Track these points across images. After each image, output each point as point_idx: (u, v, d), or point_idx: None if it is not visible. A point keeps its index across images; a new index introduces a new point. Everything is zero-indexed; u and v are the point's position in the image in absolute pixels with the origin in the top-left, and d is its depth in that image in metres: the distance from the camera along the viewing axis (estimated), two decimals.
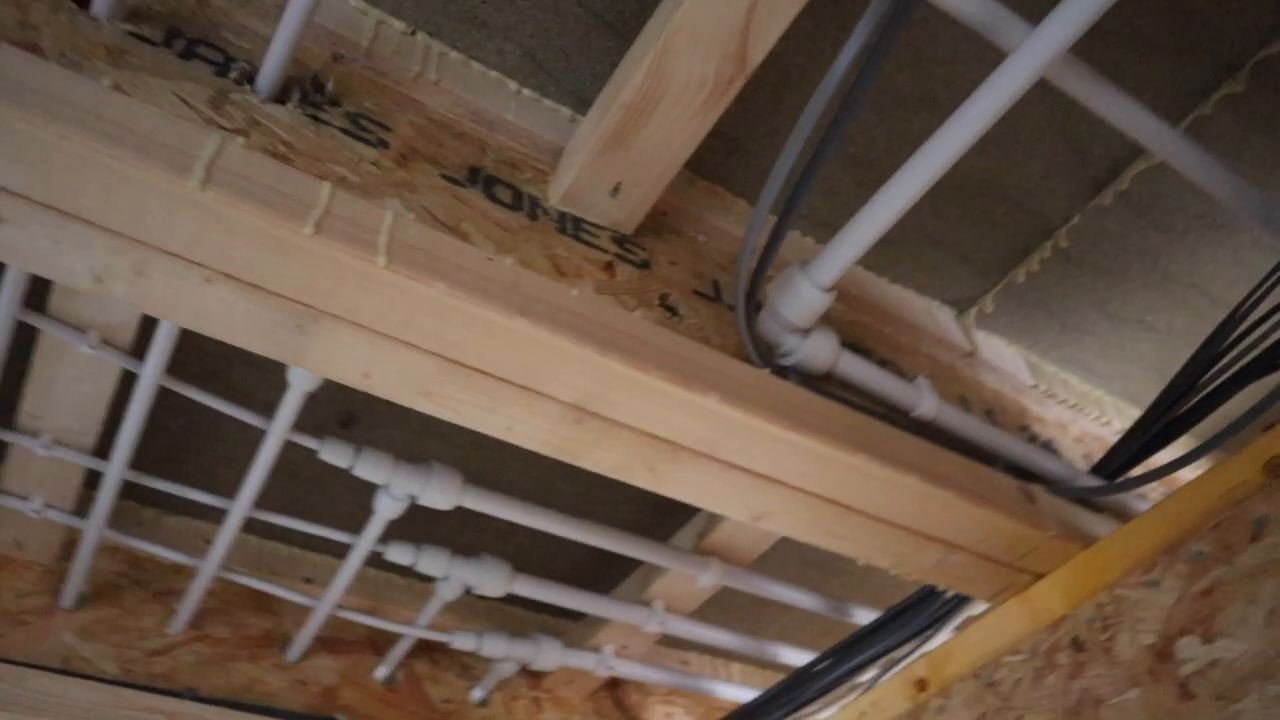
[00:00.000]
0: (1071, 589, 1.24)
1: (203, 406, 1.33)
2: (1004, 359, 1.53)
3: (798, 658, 1.78)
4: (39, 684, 1.42)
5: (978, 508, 1.17)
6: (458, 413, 0.97)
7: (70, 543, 1.54)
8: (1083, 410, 1.59)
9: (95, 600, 1.54)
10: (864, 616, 1.72)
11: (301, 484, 1.60)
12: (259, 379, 1.42)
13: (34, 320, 1.18)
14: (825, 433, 1.05)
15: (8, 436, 1.31)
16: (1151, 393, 1.49)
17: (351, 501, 1.60)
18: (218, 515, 1.65)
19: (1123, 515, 1.39)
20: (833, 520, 1.14)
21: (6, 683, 1.40)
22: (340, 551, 1.72)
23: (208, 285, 0.86)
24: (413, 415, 1.51)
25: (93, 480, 1.43)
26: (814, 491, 1.10)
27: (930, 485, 1.12)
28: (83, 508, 1.45)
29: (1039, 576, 1.28)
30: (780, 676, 1.72)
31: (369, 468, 1.34)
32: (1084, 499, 1.34)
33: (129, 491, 1.57)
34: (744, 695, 1.84)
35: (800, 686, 1.67)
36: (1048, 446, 1.43)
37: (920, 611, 1.50)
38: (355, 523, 1.46)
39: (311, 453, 1.33)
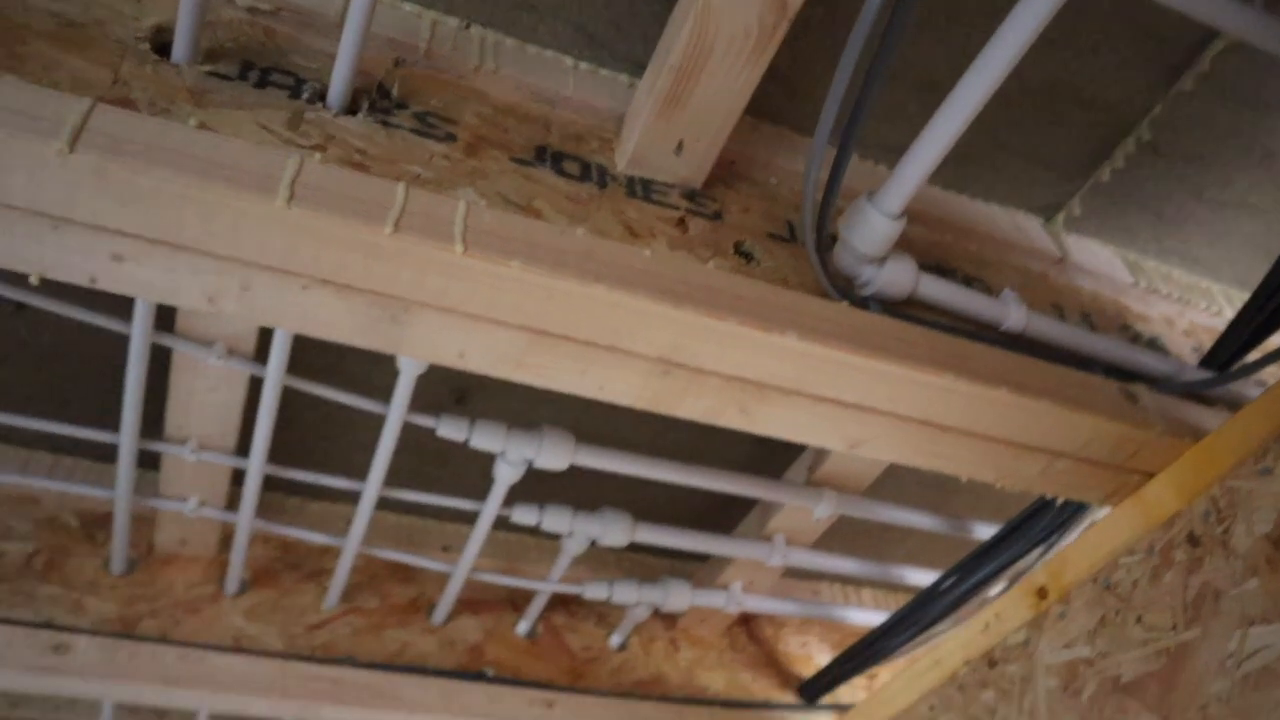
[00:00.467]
0: (1184, 485, 1.23)
1: (329, 399, 1.42)
2: (1099, 261, 1.50)
3: (924, 578, 1.81)
4: (217, 662, 1.56)
5: (1076, 414, 1.17)
6: (552, 379, 1.03)
7: (227, 536, 1.67)
8: (1190, 303, 1.55)
9: (255, 585, 1.67)
10: (986, 533, 1.73)
11: (427, 459, 1.69)
12: (373, 367, 1.51)
13: (166, 341, 1.28)
14: (909, 357, 1.08)
15: (159, 447, 1.44)
16: (1263, 275, 1.45)
17: (476, 470, 1.69)
18: (355, 497, 1.77)
19: (1238, 406, 1.36)
20: (928, 441, 1.17)
21: (188, 662, 1.54)
22: (472, 519, 1.82)
23: (306, 292, 0.93)
24: (522, 384, 1.58)
25: (239, 477, 1.55)
26: (905, 415, 1.12)
27: (1023, 397, 1.13)
28: (233, 503, 1.58)
29: (1150, 476, 1.28)
30: (910, 599, 1.75)
31: (484, 438, 1.42)
32: (1192, 393, 1.32)
33: (272, 483, 1.70)
34: (875, 619, 1.88)
35: (927, 606, 1.70)
36: (1153, 344, 1.41)
37: (1039, 521, 1.51)
38: (481, 490, 1.54)
39: (432, 430, 1.42)
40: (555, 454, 1.44)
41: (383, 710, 1.59)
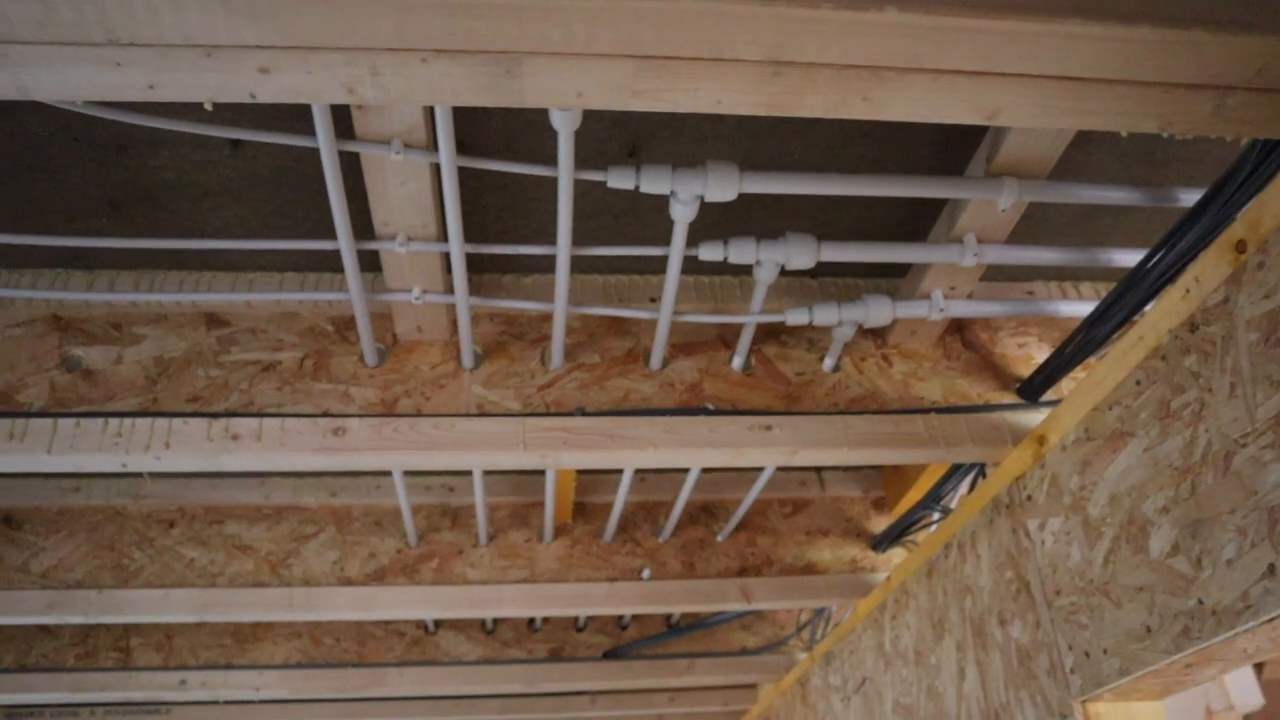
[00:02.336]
0: None
1: (515, 177, 1.53)
2: None
3: (1134, 259, 1.74)
4: (465, 426, 1.77)
5: (1238, 37, 1.09)
6: (668, 101, 1.08)
7: (456, 318, 1.86)
8: None
9: (488, 357, 1.86)
10: (1193, 199, 1.63)
11: (621, 218, 1.78)
12: (538, 138, 1.60)
13: (349, 146, 1.43)
14: (1025, 9, 1.03)
15: (373, 245, 1.61)
16: None
17: (666, 220, 1.77)
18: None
19: None
20: (1070, 98, 1.12)
21: (442, 429, 1.76)
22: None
23: (426, 64, 1.02)
24: (687, 128, 1.62)
25: (471, 262, 1.72)
26: (1037, 73, 1.09)
27: (1168, 29, 1.06)
28: (451, 288, 1.75)
29: None
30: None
31: (652, 182, 1.49)
32: None
33: (485, 263, 1.86)
34: (1087, 311, 1.84)
35: (1136, 286, 1.64)
36: None
37: (1240, 174, 1.42)
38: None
39: (617, 189, 1.49)
40: (722, 185, 1.49)
41: (614, 449, 1.77)
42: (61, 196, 1.69)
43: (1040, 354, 2.01)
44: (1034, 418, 1.89)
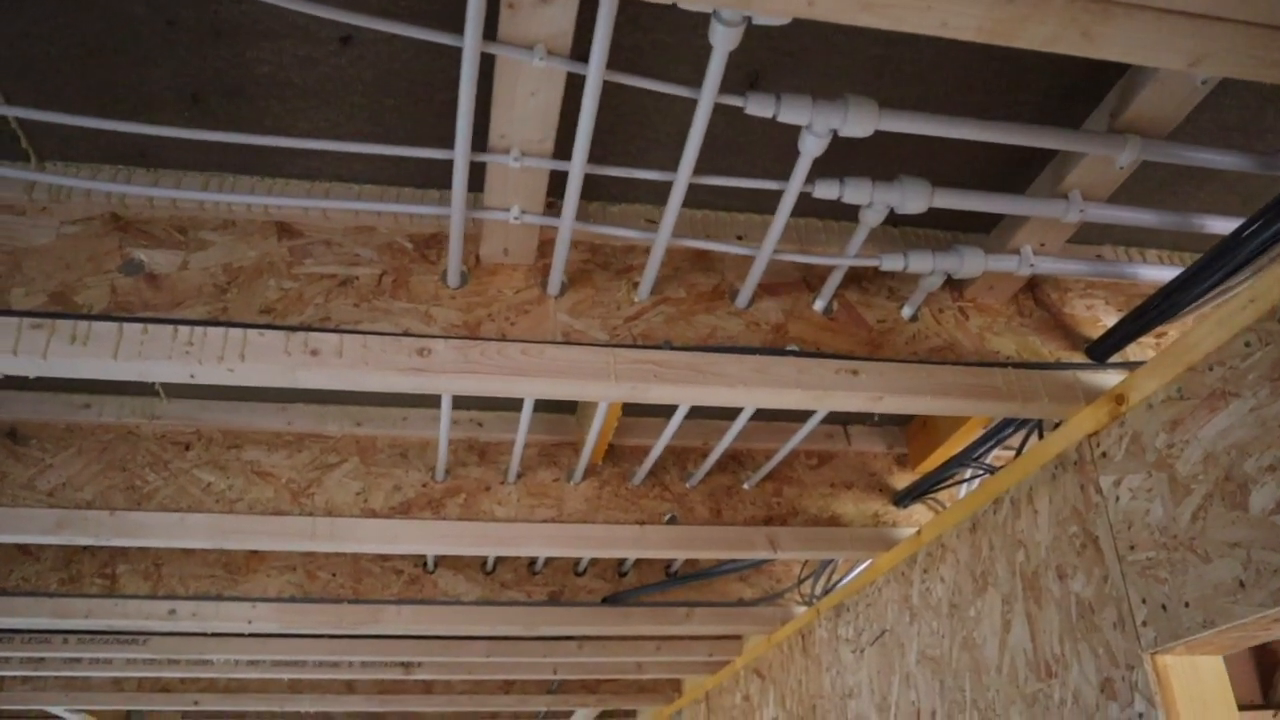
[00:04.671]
0: None
1: (623, 100, 1.48)
2: None
3: (1226, 226, 1.77)
4: (554, 354, 1.73)
5: None
6: (897, 18, 1.05)
7: (544, 242, 1.81)
8: None
9: (573, 286, 1.82)
10: None
11: (718, 150, 1.75)
12: (663, 59, 1.55)
13: (493, 49, 1.36)
14: None
15: (486, 158, 1.55)
16: None
17: (767, 155, 1.75)
18: (653, 197, 1.87)
19: None
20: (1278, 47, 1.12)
21: (530, 356, 1.72)
22: (765, 207, 1.90)
23: None
24: (812, 64, 1.59)
25: (554, 186, 1.66)
26: (1260, 21, 1.08)
27: None
28: (549, 210, 1.70)
29: None
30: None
31: (792, 112, 1.46)
32: None
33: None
34: (1166, 276, 1.87)
35: (1227, 255, 1.66)
36: None
37: None
38: (774, 174, 1.60)
39: (732, 120, 1.46)
40: (860, 120, 1.47)
41: (706, 386, 1.74)
42: (144, 86, 1.60)
43: (1106, 316, 2.03)
44: (1103, 378, 1.92)
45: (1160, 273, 1.91)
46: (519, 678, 4.50)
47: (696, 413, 2.62)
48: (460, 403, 2.53)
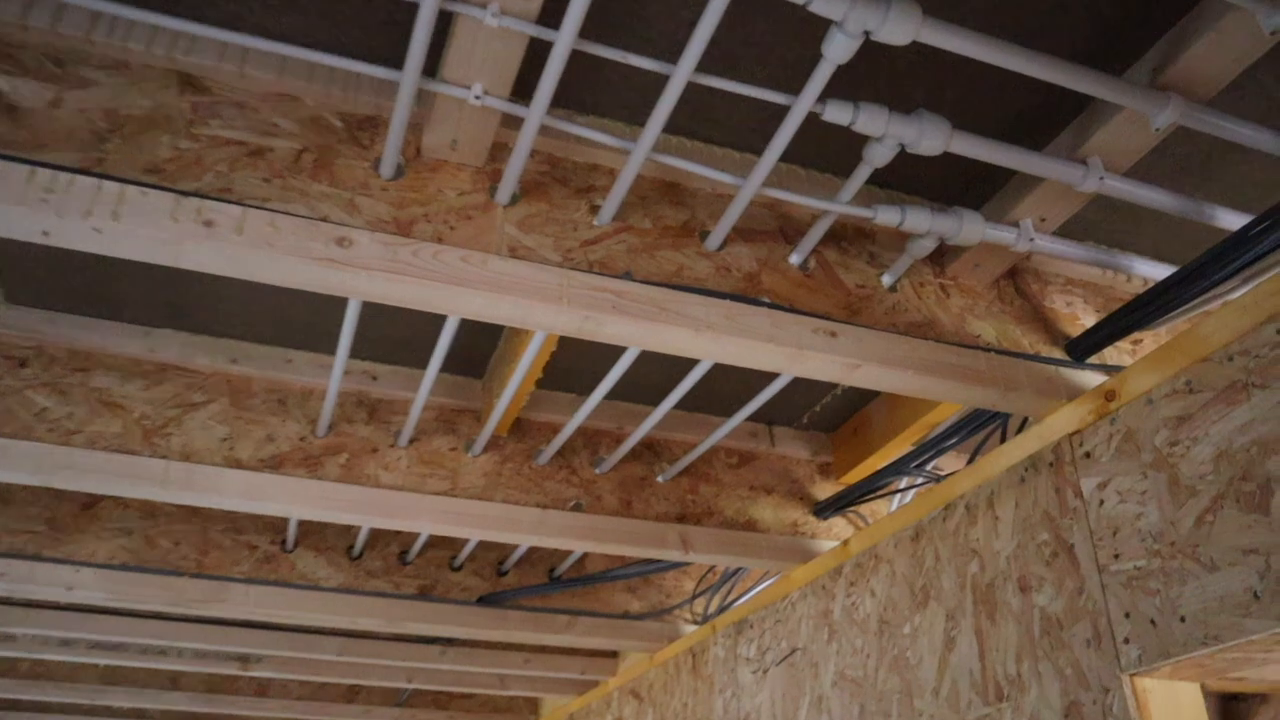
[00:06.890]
0: None
1: None
2: None
3: (1239, 221, 1.65)
4: (499, 266, 1.47)
5: None
6: None
7: (498, 143, 1.56)
8: None
9: (526, 197, 1.56)
10: None
11: (731, 51, 1.52)
12: None
13: None
14: None
15: (457, 7, 1.29)
16: None
17: (776, 64, 1.53)
18: (625, 114, 1.63)
19: None
20: None
21: (471, 265, 1.46)
22: (748, 144, 1.68)
23: None
24: None
25: (529, 65, 1.41)
26: None
27: None
28: (517, 96, 1.45)
29: None
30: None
31: (826, 2, 1.25)
32: None
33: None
34: (1161, 273, 1.74)
35: (1232, 252, 1.53)
36: None
37: None
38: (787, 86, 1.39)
39: (736, 22, 1.24)
40: (901, 23, 1.27)
41: (669, 326, 1.51)
42: None
43: (1085, 315, 1.89)
44: (1083, 377, 1.76)
45: (1154, 269, 1.78)
46: (367, 684, 4.09)
47: (615, 394, 2.38)
48: (358, 349, 2.22)
